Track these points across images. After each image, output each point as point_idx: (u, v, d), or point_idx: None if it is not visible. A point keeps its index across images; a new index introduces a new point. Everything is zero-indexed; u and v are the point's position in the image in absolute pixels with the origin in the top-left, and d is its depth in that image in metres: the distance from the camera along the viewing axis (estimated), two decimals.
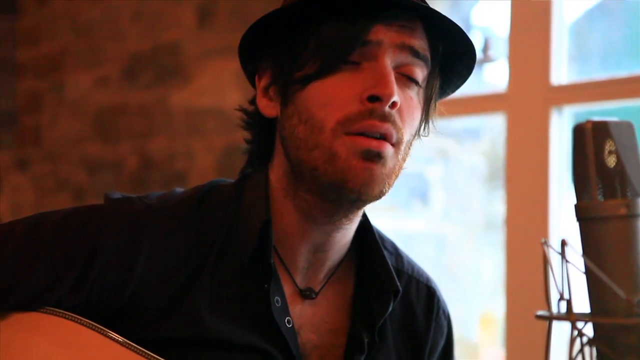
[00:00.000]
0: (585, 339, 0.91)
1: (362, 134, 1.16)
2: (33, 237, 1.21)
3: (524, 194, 2.21)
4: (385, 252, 1.34)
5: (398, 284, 1.30)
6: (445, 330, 1.40)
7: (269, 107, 1.25)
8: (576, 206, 0.94)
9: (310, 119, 1.17)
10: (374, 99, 1.15)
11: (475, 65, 1.26)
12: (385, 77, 1.15)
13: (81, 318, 1.18)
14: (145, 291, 1.20)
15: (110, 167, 3.40)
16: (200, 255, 1.23)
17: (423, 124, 1.26)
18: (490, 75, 3.06)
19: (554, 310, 0.92)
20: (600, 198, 0.92)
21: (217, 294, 1.22)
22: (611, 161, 0.92)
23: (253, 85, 1.30)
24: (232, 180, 1.33)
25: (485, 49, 3.00)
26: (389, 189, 1.20)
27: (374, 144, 1.15)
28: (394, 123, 1.17)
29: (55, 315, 1.19)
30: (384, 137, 1.17)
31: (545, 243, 0.94)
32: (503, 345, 2.30)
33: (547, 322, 0.92)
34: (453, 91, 1.32)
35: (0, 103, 3.75)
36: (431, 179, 3.16)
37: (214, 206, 1.27)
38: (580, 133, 0.94)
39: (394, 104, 1.16)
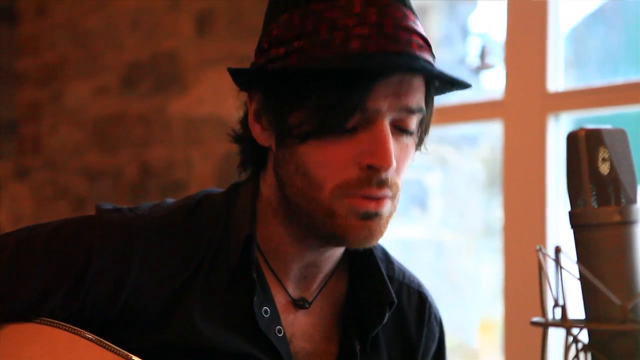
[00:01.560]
0: (580, 345, 0.92)
1: (361, 197, 1.16)
2: (25, 250, 1.22)
3: (521, 201, 2.21)
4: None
5: (393, 295, 1.30)
6: (437, 335, 1.41)
7: (263, 137, 1.22)
8: (570, 213, 0.95)
9: (308, 174, 1.16)
10: (372, 167, 1.15)
11: (471, 74, 1.26)
12: (383, 146, 1.13)
13: (76, 328, 1.18)
14: (138, 300, 1.20)
15: (109, 175, 3.40)
16: (192, 264, 1.23)
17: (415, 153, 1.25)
18: (488, 82, 3.07)
19: (549, 316, 0.92)
20: (594, 205, 0.93)
21: (210, 303, 1.22)
22: (605, 168, 0.93)
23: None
24: (223, 190, 1.33)
25: (482, 56, 3.00)
26: (384, 233, 1.21)
27: (372, 205, 1.16)
28: (391, 186, 1.16)
29: (51, 325, 1.19)
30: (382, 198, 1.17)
31: (540, 250, 0.94)
32: (503, 351, 2.30)
33: (543, 329, 0.93)
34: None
35: (0, 112, 3.76)
36: (430, 186, 3.16)
37: (204, 216, 1.27)
38: (574, 141, 0.94)
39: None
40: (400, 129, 1.18)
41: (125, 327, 1.20)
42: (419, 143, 1.25)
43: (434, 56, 1.19)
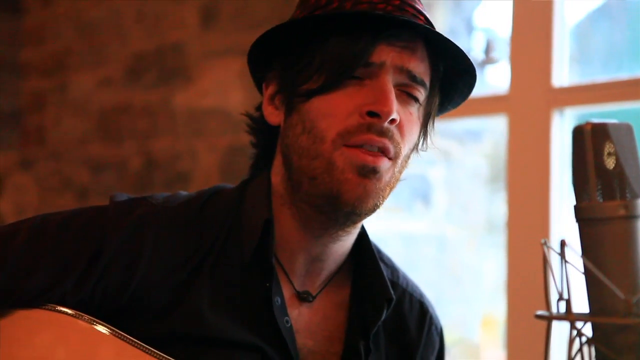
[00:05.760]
0: (584, 339, 0.92)
1: (360, 147, 1.19)
2: (38, 236, 1.23)
3: (525, 196, 2.21)
4: (382, 265, 1.36)
5: (392, 292, 1.32)
6: (437, 345, 1.43)
7: (273, 115, 1.29)
8: (576, 207, 0.95)
9: (313, 129, 1.21)
10: (373, 114, 1.19)
11: (476, 73, 1.28)
12: (385, 94, 1.19)
13: (84, 314, 1.19)
14: (147, 289, 1.22)
15: (113, 167, 3.40)
16: (201, 253, 1.25)
17: (422, 140, 1.28)
18: (493, 77, 3.07)
19: (554, 310, 0.93)
20: (599, 199, 0.93)
21: (218, 293, 1.24)
22: (610, 163, 0.93)
23: (260, 92, 1.32)
24: (234, 186, 1.36)
25: (487, 51, 3.00)
26: (383, 201, 1.24)
27: (369, 159, 1.19)
28: (391, 138, 1.20)
29: (58, 312, 1.20)
30: (382, 151, 1.20)
31: (545, 244, 0.95)
32: (504, 347, 2.31)
33: (547, 322, 0.93)
34: (454, 107, 1.35)
35: (4, 103, 3.76)
36: (433, 181, 3.16)
37: (216, 208, 1.29)
38: (580, 135, 0.95)
39: (392, 121, 1.20)
40: (405, 92, 1.23)
41: (133, 316, 1.21)
42: (424, 134, 1.27)
43: None
